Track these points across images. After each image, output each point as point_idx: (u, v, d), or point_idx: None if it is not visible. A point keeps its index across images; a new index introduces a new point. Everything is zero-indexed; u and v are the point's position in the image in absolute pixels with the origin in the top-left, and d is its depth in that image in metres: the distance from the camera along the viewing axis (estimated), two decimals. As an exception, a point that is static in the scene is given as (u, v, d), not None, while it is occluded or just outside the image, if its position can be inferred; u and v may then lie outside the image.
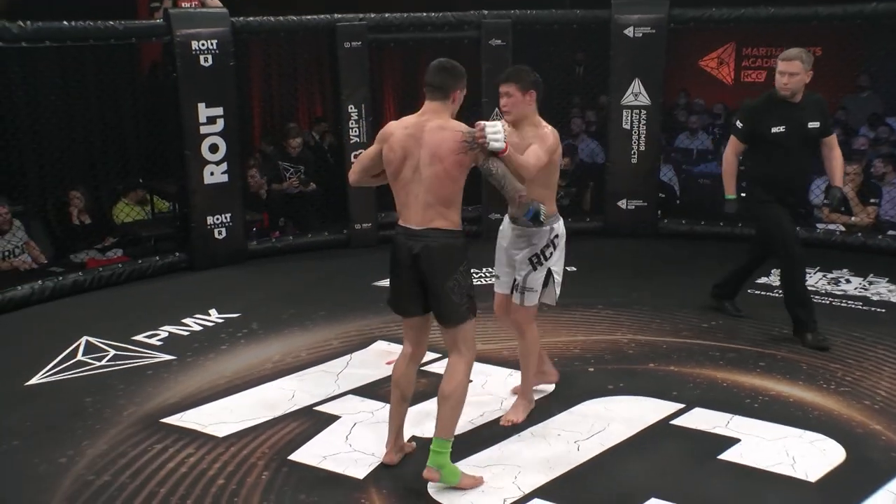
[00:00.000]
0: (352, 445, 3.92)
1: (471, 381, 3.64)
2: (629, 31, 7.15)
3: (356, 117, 7.13)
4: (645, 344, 5.02)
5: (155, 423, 4.17)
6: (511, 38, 7.24)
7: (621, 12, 7.19)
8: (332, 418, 4.18)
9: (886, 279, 6.08)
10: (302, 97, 9.71)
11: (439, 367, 4.73)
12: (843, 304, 5.64)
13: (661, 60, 7.20)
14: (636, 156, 7.34)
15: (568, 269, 6.50)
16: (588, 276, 6.37)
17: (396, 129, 3.48)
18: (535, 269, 4.09)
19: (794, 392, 4.37)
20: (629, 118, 7.28)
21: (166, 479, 3.67)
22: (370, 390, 4.50)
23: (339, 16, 7.03)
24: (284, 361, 4.89)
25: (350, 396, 4.43)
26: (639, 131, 7.28)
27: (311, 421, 4.16)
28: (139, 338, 5.27)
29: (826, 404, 4.24)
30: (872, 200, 7.16)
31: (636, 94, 7.23)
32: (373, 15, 7.11)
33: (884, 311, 5.55)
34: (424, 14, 7.27)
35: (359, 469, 3.71)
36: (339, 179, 7.29)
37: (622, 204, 7.43)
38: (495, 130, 3.43)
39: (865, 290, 5.90)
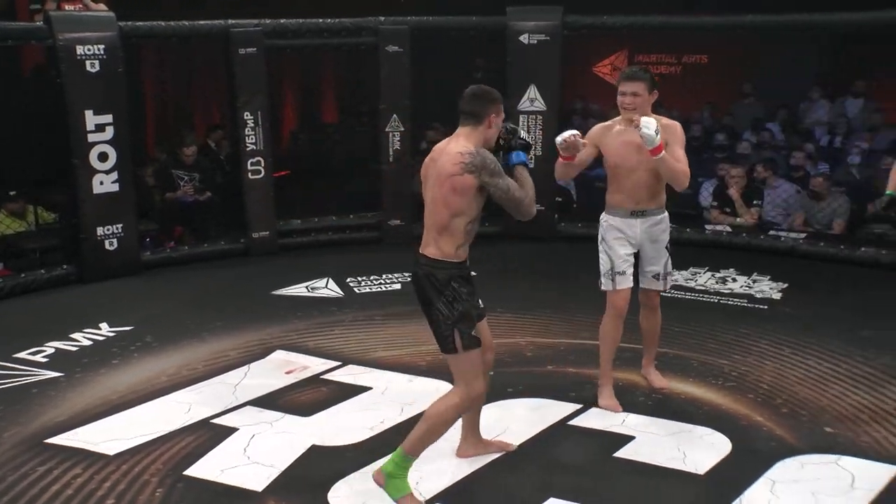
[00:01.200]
0: (250, 458, 3.86)
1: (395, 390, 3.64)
2: (524, 38, 7.28)
3: (252, 124, 7.02)
4: (544, 346, 5.11)
5: (39, 443, 4.00)
6: (409, 44, 7.26)
7: (516, 19, 7.31)
8: (229, 431, 4.10)
9: (768, 277, 6.36)
10: (198, 104, 9.52)
11: (339, 376, 4.72)
12: (729, 302, 5.87)
13: (556, 67, 7.34)
14: (533, 161, 7.43)
15: (471, 273, 6.60)
16: (488, 281, 6.39)
17: (431, 153, 3.49)
18: (669, 255, 4.34)
19: (686, 389, 4.51)
20: (526, 124, 7.40)
21: (49, 502, 3.52)
22: (269, 401, 4.43)
23: (234, 21, 6.91)
24: (180, 374, 4.78)
25: (248, 408, 4.35)
26: (536, 136, 7.41)
27: (209, 434, 4.07)
28: (22, 355, 5.05)
29: (714, 399, 4.40)
30: (756, 202, 7.47)
31: (532, 99, 7.36)
32: (268, 21, 7.02)
33: (766, 307, 5.79)
34: (321, 20, 7.22)
35: (257, 481, 3.65)
36: (237, 187, 7.17)
37: (521, 208, 7.52)
38: (653, 125, 3.86)
39: (750, 287, 6.15)
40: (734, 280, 6.30)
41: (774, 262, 6.72)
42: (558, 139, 4.11)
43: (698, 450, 3.87)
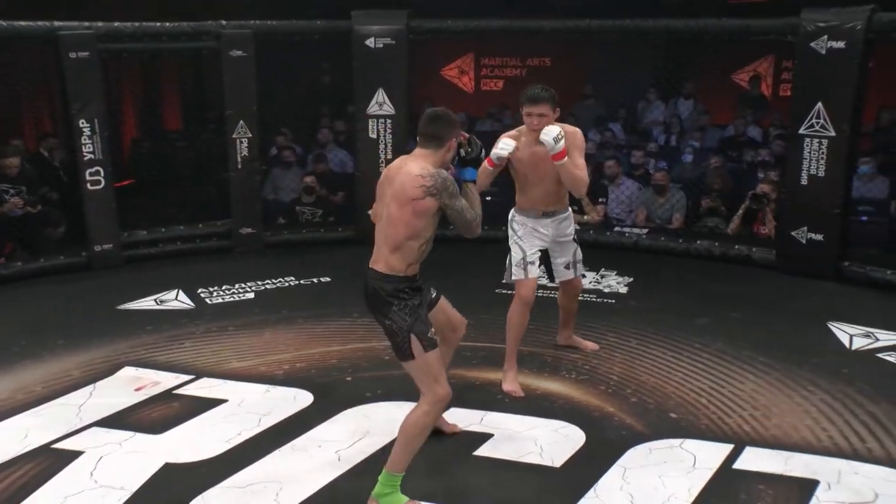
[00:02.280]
0: (97, 481, 3.68)
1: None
2: (370, 42, 7.28)
3: (89, 132, 6.68)
4: (401, 349, 5.12)
5: None
6: (253, 48, 7.12)
7: (361, 23, 7.30)
8: (74, 455, 3.89)
9: (615, 272, 6.63)
10: (27, 111, 8.97)
11: (193, 390, 4.58)
12: (580, 298, 6.02)
13: (403, 70, 7.38)
14: (384, 164, 7.47)
15: (323, 279, 6.57)
16: (343, 286, 6.41)
17: (384, 171, 3.55)
18: (577, 245, 4.74)
19: (541, 384, 4.64)
20: (375, 127, 7.41)
21: None
22: (117, 420, 4.25)
23: (61, 23, 6.54)
24: (15, 398, 4.49)
25: (95, 429, 4.15)
26: (385, 140, 7.43)
27: (50, 460, 3.85)
28: None
29: (568, 392, 4.55)
30: (601, 200, 7.77)
31: (380, 103, 7.37)
32: (101, 24, 6.70)
33: (614, 301, 6.04)
34: (159, 23, 6.97)
35: (106, 505, 3.49)
36: (76, 198, 6.82)
37: (372, 212, 7.50)
38: (554, 133, 4.16)
39: (598, 283, 6.39)
40: (583, 276, 6.49)
41: (620, 257, 7.01)
42: (506, 151, 4.32)
43: (554, 443, 3.99)
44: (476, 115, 10.46)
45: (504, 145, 4.34)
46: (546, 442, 3.99)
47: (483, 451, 3.93)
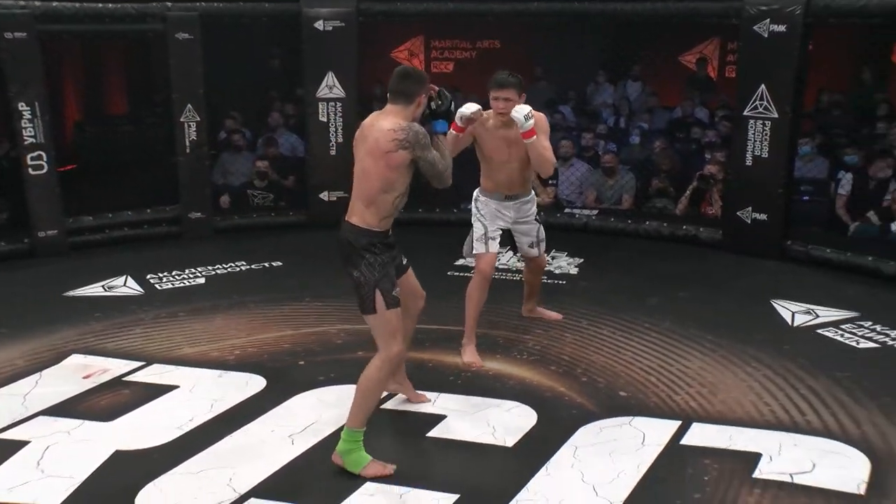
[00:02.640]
0: (45, 471, 3.63)
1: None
2: (319, 25, 7.22)
3: (29, 116, 6.52)
4: (353, 333, 5.11)
5: None
6: (199, 31, 7.01)
7: (310, 6, 7.23)
8: (19, 444, 3.83)
9: (566, 253, 6.70)
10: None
11: (143, 376, 4.54)
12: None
13: (353, 53, 7.34)
14: (335, 147, 7.45)
15: (274, 264, 6.54)
16: (295, 270, 6.39)
17: (360, 127, 3.66)
18: (540, 224, 4.87)
19: (493, 365, 4.69)
20: (325, 111, 7.37)
21: None
22: (65, 408, 4.19)
23: (-4, 2, 6.35)
24: (-44, 390, 4.41)
25: (41, 418, 4.09)
26: (336, 123, 7.39)
27: (-6, 451, 3.79)
28: None
29: (520, 373, 4.60)
30: (551, 181, 7.83)
31: (331, 86, 7.33)
32: (38, 3, 6.53)
33: (564, 282, 6.11)
34: (101, 4, 6.83)
35: (53, 496, 3.44)
36: (18, 183, 6.68)
37: (324, 196, 7.51)
38: (525, 111, 4.32)
39: (549, 264, 6.45)
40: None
41: (571, 238, 7.08)
42: (470, 110, 4.37)
43: (507, 423, 4.04)
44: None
45: (468, 106, 4.40)
46: (498, 422, 4.04)
47: (436, 432, 3.96)
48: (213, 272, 6.30)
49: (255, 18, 7.40)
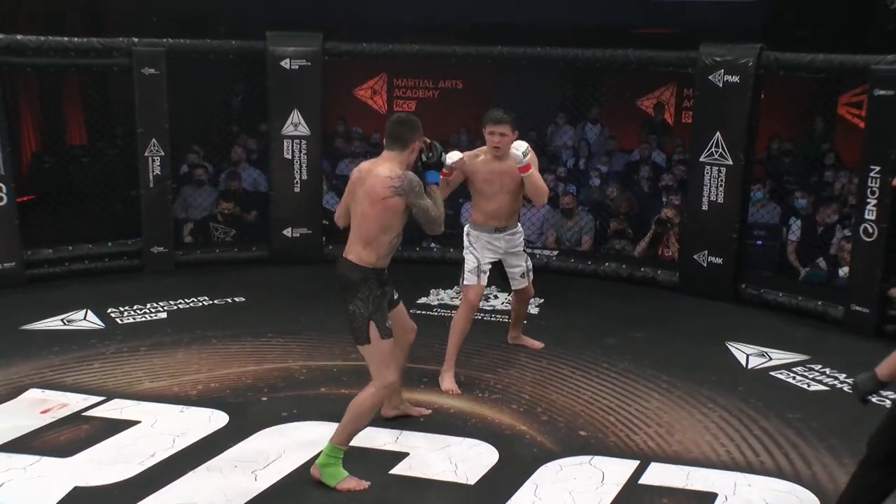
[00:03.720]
0: (2, 507, 3.60)
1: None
2: (285, 63, 7.31)
3: (-10, 148, 6.49)
4: (316, 369, 5.16)
5: None
6: (165, 67, 7.06)
7: (276, 44, 7.32)
8: (-24, 481, 3.80)
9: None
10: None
11: (103, 412, 4.52)
12: (492, 319, 6.21)
13: (317, 92, 7.43)
14: (299, 184, 7.50)
15: (236, 299, 6.55)
16: (257, 306, 6.40)
17: (355, 171, 3.92)
18: (527, 255, 5.28)
19: (455, 403, 4.74)
20: (290, 148, 7.43)
21: None
22: (21, 444, 4.15)
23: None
24: None
25: (-2, 454, 4.05)
26: (300, 160, 7.45)
27: (-49, 487, 3.75)
28: None
29: (481, 411, 4.66)
30: (512, 221, 7.94)
31: (296, 124, 7.40)
32: (1, 35, 6.53)
33: (525, 322, 6.16)
34: (67, 38, 6.85)
35: (13, 532, 3.42)
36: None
37: (287, 232, 7.54)
38: (523, 148, 4.76)
39: (510, 304, 6.54)
40: (496, 297, 6.67)
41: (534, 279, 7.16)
42: (452, 160, 4.70)
43: (468, 460, 4.09)
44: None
45: (450, 156, 4.68)
46: (460, 459, 4.10)
47: (399, 469, 4.00)
48: (175, 307, 6.29)
49: (222, 55, 7.47)
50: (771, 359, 5.53)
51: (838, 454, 4.23)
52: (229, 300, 6.50)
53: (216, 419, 4.46)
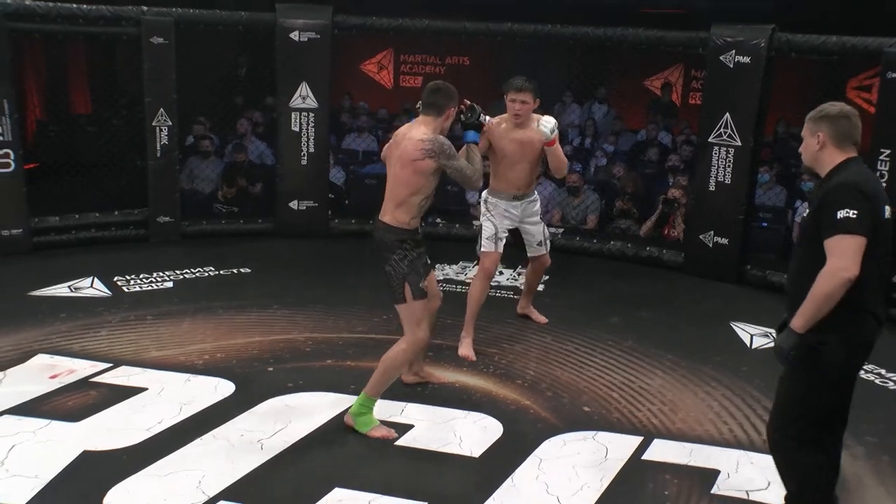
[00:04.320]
0: (9, 470, 3.62)
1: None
2: (294, 36, 7.28)
3: (-2, 114, 6.48)
4: (321, 341, 5.18)
5: None
6: (174, 36, 7.03)
7: (286, 16, 7.29)
8: (-15, 444, 3.82)
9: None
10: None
11: (111, 378, 4.55)
12: (497, 295, 6.21)
13: (326, 65, 7.41)
14: (306, 157, 7.50)
15: (242, 270, 6.56)
16: (263, 277, 6.42)
17: (394, 135, 4.10)
18: (544, 223, 5.47)
19: (460, 378, 4.77)
20: (298, 121, 7.41)
21: None
22: (31, 408, 4.18)
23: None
24: (-82, 387, 4.37)
25: (6, 417, 4.07)
26: (308, 133, 7.44)
27: (-40, 449, 3.77)
28: None
29: (486, 386, 4.69)
30: (518, 200, 7.93)
31: (304, 97, 7.38)
32: (10, 0, 6.49)
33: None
34: (76, 5, 6.82)
35: (18, 495, 3.44)
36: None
37: (293, 205, 7.54)
38: (551, 125, 4.92)
39: (516, 280, 6.56)
40: (501, 273, 6.68)
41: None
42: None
43: (473, 434, 4.12)
44: (394, 111, 10.56)
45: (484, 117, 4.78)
46: (465, 433, 4.12)
47: (404, 441, 4.03)
48: (181, 277, 6.30)
49: (232, 26, 7.43)
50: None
51: (840, 435, 4.24)
52: (235, 271, 6.52)
53: (222, 388, 4.49)
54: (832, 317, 2.96)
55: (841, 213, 2.92)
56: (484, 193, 5.28)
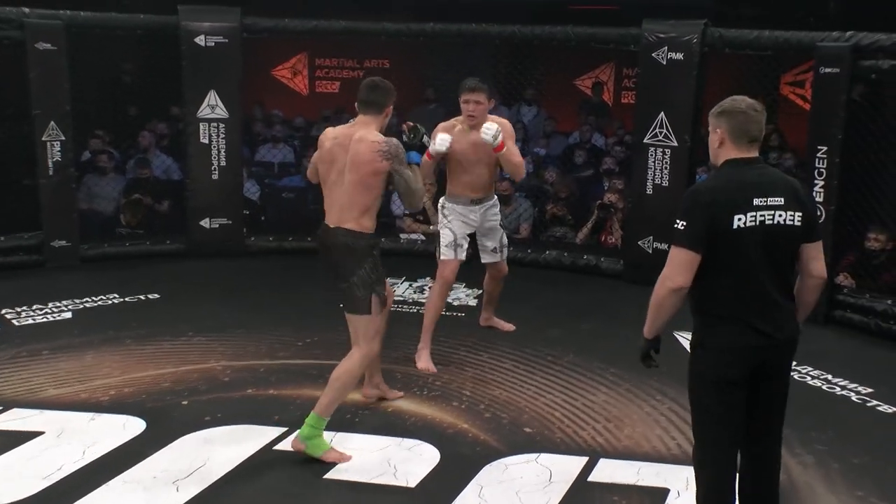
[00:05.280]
0: None
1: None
2: (200, 40, 7.16)
3: None
4: (241, 369, 5.08)
5: None
6: (64, 42, 6.83)
7: (190, 19, 7.17)
8: None
9: (463, 284, 6.78)
10: None
11: (2, 422, 4.36)
12: (418, 312, 6.16)
13: (236, 71, 7.31)
14: (217, 171, 7.37)
15: (150, 296, 6.40)
16: (174, 303, 6.28)
17: (327, 138, 4.10)
18: (503, 230, 5.48)
19: (392, 402, 4.71)
20: (207, 132, 7.29)
21: None
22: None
23: None
24: None
25: None
26: (218, 145, 7.33)
27: None
28: None
29: (420, 410, 4.65)
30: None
31: (213, 106, 7.26)
32: None
33: (463, 314, 6.22)
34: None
35: None
36: None
37: (205, 223, 7.41)
38: (493, 132, 4.92)
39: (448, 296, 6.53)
40: (431, 289, 6.64)
41: (467, 269, 7.12)
42: (442, 146, 5.00)
43: (408, 462, 4.08)
44: (312, 118, 10.47)
45: (441, 141, 5.00)
46: (399, 461, 4.08)
47: (333, 474, 3.96)
48: (82, 306, 6.13)
49: (129, 31, 7.27)
50: (720, 348, 5.62)
51: (790, 444, 4.32)
52: (143, 297, 6.37)
53: (132, 426, 4.35)
54: (694, 323, 3.15)
55: (675, 224, 3.02)
56: (441, 200, 5.37)
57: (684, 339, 5.69)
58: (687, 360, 3.24)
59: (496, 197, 5.47)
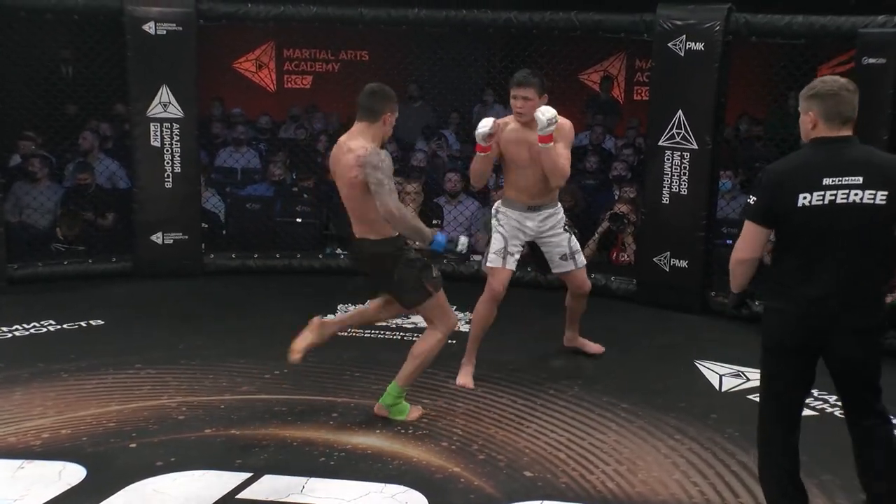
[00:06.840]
0: None
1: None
2: (149, 28, 7.19)
3: None
4: (198, 406, 5.08)
5: None
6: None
7: (136, 3, 7.20)
8: None
9: (454, 307, 6.75)
10: None
11: None
12: (414, 338, 6.16)
13: (192, 64, 7.35)
14: (171, 179, 7.39)
15: (92, 322, 6.40)
16: (120, 330, 6.29)
17: (335, 148, 4.60)
18: (570, 233, 5.54)
19: (372, 442, 4.72)
20: (158, 133, 7.31)
21: None
22: None
23: None
24: None
25: None
26: (172, 149, 7.35)
27: None
28: None
29: (405, 452, 4.65)
30: (435, 221, 7.98)
31: (165, 104, 7.29)
32: None
33: (454, 342, 6.19)
34: None
35: None
36: None
37: (157, 238, 7.43)
38: (550, 115, 5.04)
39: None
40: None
41: (459, 288, 7.15)
42: (486, 129, 5.13)
43: (390, 512, 4.08)
44: (279, 118, 10.50)
45: (483, 124, 5.15)
46: (380, 512, 4.08)
47: (306, 526, 3.97)
48: (9, 334, 6.15)
49: (64, 14, 7.26)
50: (748, 379, 5.66)
51: (830, 491, 4.35)
52: (83, 324, 6.39)
53: (69, 474, 4.33)
54: (765, 289, 3.69)
55: (748, 198, 3.60)
56: (496, 203, 5.57)
57: (709, 369, 5.77)
58: (710, 393, 3.30)
59: (559, 204, 5.57)
